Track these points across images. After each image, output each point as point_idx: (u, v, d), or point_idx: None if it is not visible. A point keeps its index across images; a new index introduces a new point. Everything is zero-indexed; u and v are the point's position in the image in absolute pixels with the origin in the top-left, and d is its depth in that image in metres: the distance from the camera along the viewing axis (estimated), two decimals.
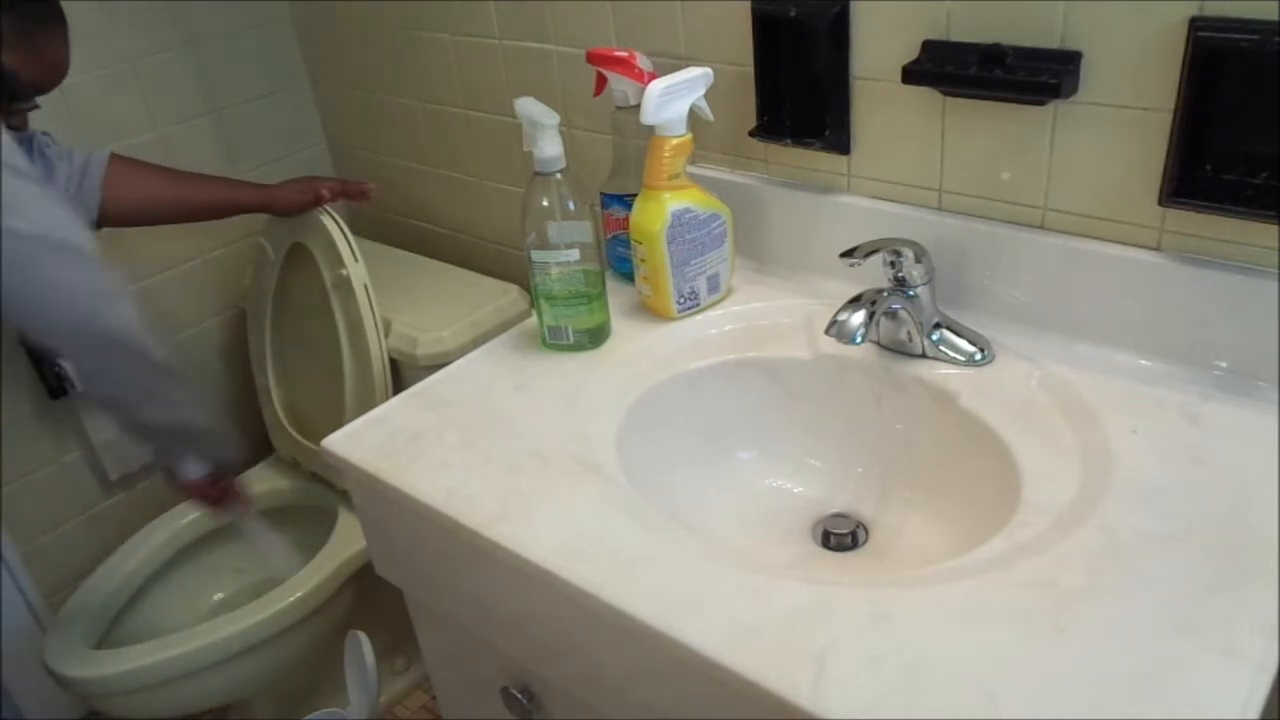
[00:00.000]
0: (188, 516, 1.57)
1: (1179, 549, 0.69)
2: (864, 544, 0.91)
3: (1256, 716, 0.58)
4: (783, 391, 0.99)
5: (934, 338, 0.92)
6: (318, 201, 1.39)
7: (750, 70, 1.03)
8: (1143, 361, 0.88)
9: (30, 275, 0.96)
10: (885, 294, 0.90)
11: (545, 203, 0.94)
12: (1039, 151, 0.88)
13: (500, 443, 0.89)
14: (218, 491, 1.27)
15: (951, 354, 0.92)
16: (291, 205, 1.39)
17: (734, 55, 1.05)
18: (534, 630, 0.83)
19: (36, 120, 1.33)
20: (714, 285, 1.04)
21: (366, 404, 1.36)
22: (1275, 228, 0.78)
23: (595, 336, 1.01)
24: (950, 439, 0.89)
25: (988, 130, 0.91)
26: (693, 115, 0.98)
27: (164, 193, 1.31)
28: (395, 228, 1.70)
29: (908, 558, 0.87)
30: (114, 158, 1.25)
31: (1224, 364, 0.84)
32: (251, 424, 1.74)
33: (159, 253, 1.58)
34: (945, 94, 0.91)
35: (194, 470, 1.21)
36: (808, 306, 1.02)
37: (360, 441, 0.92)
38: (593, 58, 1.06)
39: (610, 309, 1.03)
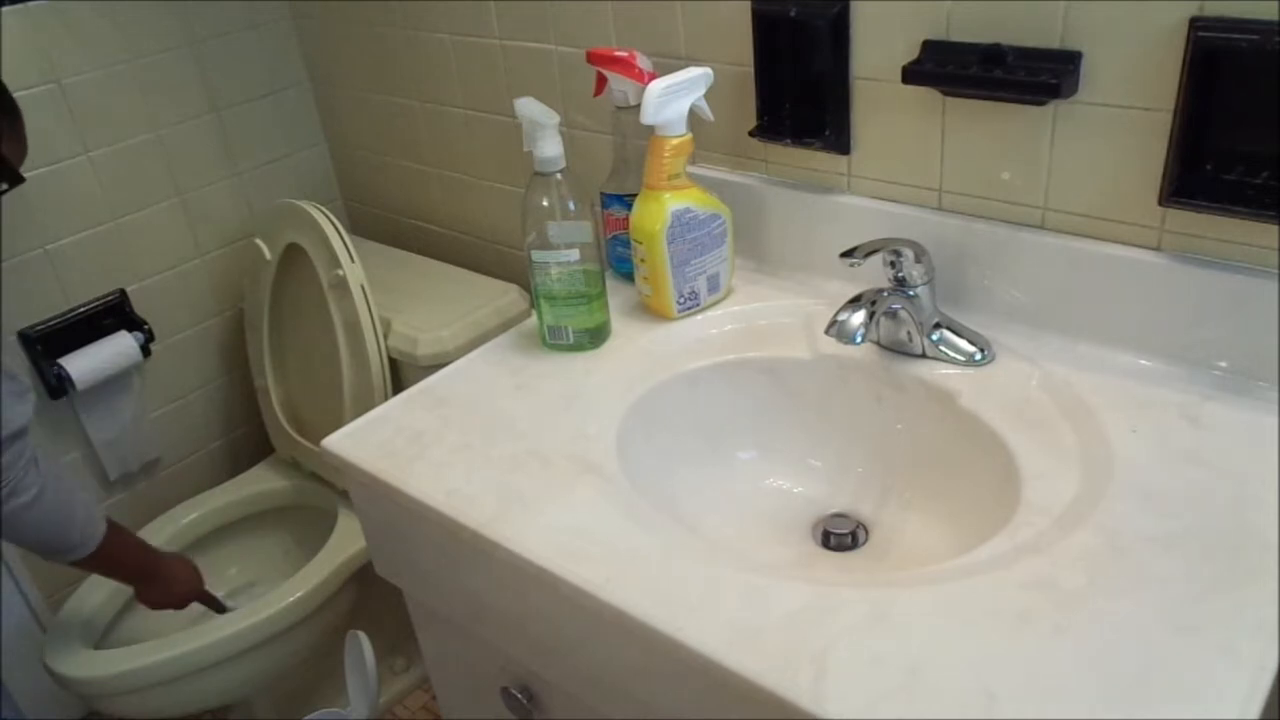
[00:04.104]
0: (188, 516, 1.58)
1: (1179, 549, 0.69)
2: (864, 544, 0.91)
3: (1256, 716, 0.58)
4: (783, 391, 0.99)
5: (934, 338, 0.92)
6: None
7: (750, 70, 1.03)
8: (1143, 361, 0.88)
9: None
10: (885, 294, 0.90)
11: (545, 203, 0.95)
12: (1039, 151, 0.89)
13: (500, 443, 0.89)
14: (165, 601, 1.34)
15: (951, 354, 0.92)
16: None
17: (734, 55, 1.05)
18: (534, 630, 0.83)
19: (35, 122, 1.33)
20: (714, 285, 1.04)
21: (365, 404, 1.37)
22: (1275, 228, 0.79)
23: (595, 336, 1.01)
24: (950, 439, 0.89)
25: (988, 130, 0.91)
26: (693, 115, 0.98)
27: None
28: (395, 228, 1.71)
29: (908, 558, 0.87)
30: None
31: (1224, 364, 0.84)
32: (251, 424, 1.75)
33: (158, 253, 1.58)
34: (945, 94, 0.91)
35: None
36: (808, 306, 1.02)
37: (360, 441, 0.92)
38: (593, 58, 1.06)
39: (610, 309, 1.03)
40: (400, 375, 1.44)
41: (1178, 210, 0.83)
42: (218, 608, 1.42)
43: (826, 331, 0.88)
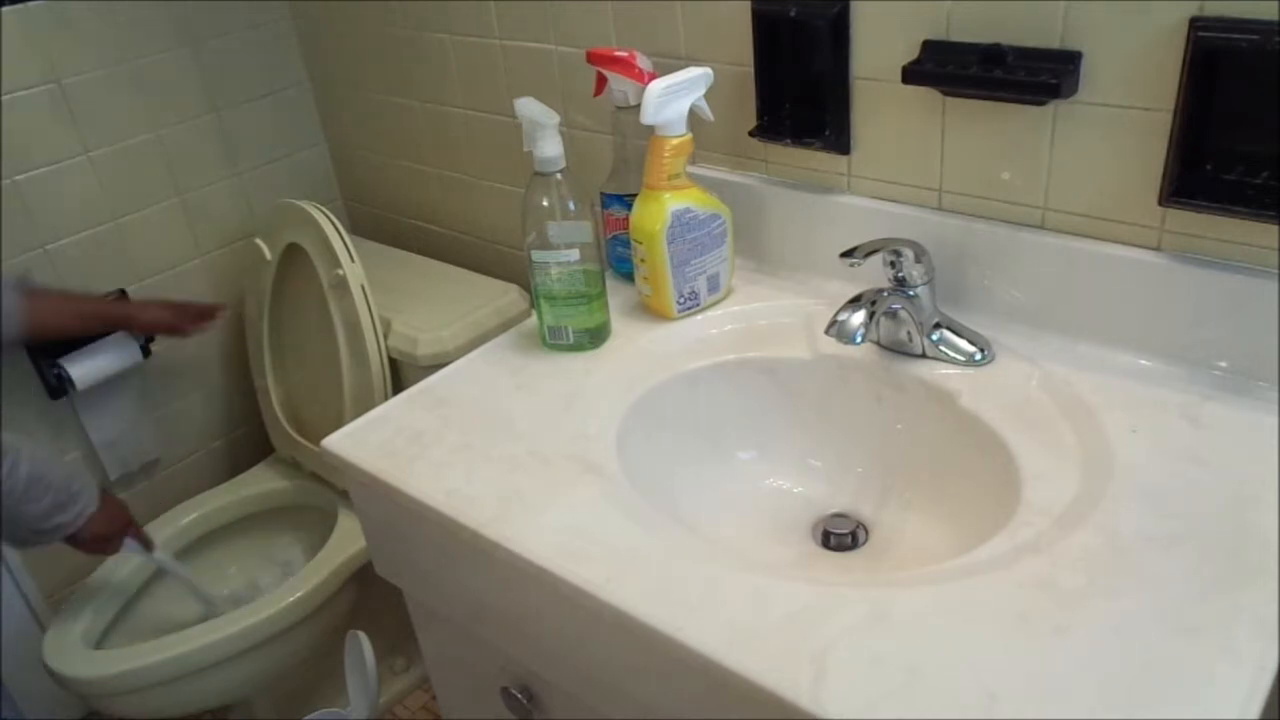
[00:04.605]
0: (188, 516, 1.58)
1: (1179, 549, 0.69)
2: (864, 544, 0.91)
3: (1256, 716, 0.58)
4: (783, 391, 0.99)
5: (934, 338, 0.92)
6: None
7: (750, 70, 1.03)
8: (1143, 361, 0.88)
9: None
10: (885, 294, 0.90)
11: (545, 203, 0.95)
12: (1039, 151, 0.88)
13: (500, 443, 0.89)
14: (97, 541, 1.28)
15: (951, 354, 0.92)
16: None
17: (734, 55, 1.05)
18: (534, 630, 0.83)
19: (35, 122, 1.33)
20: (714, 285, 1.04)
21: (365, 404, 1.37)
22: (1275, 228, 0.78)
23: (595, 336, 1.01)
24: (950, 439, 0.89)
25: (988, 130, 0.91)
26: (693, 115, 0.98)
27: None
28: (395, 228, 1.71)
29: (908, 558, 0.87)
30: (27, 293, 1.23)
31: (1224, 364, 0.84)
32: (251, 424, 1.75)
33: (158, 254, 1.58)
34: (945, 94, 0.91)
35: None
36: (808, 306, 1.02)
37: (360, 441, 0.92)
38: (593, 58, 1.06)
39: (610, 309, 1.03)
40: (400, 375, 1.44)
41: (1178, 210, 0.83)
42: (146, 543, 1.37)
43: (826, 331, 0.88)
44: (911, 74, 0.89)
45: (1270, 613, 0.63)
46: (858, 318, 0.87)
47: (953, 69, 0.88)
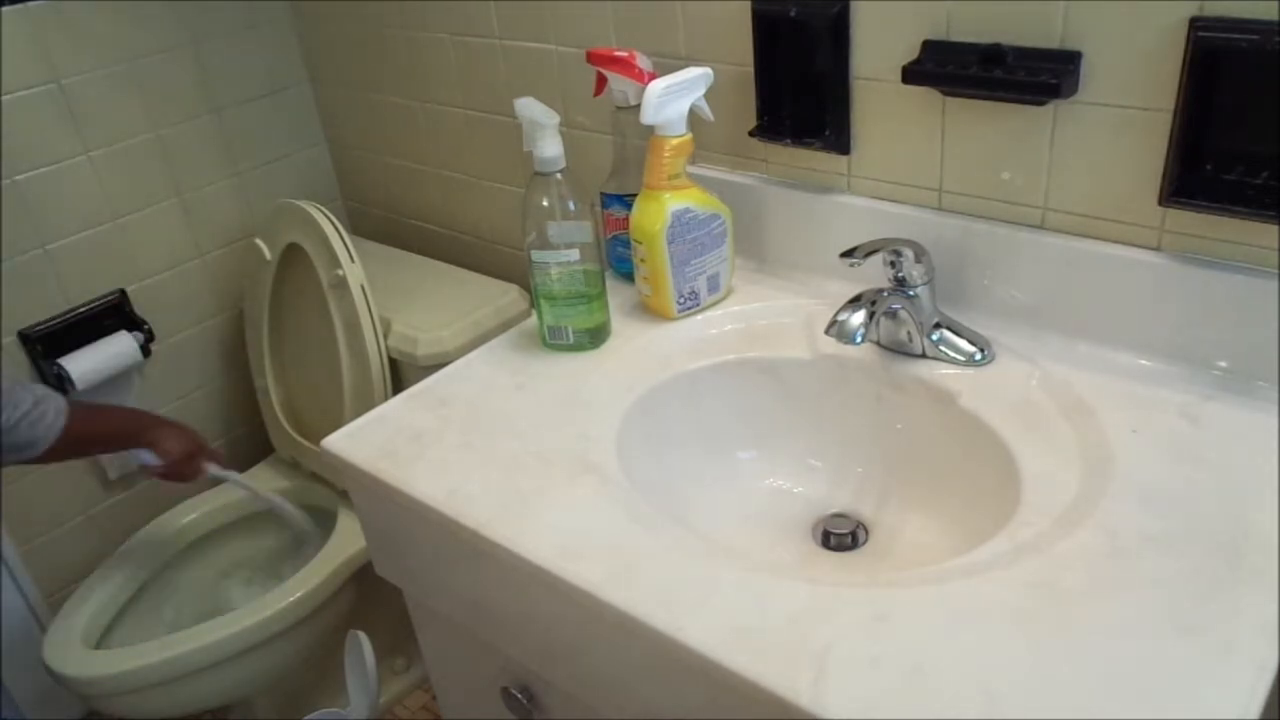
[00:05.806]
0: (188, 516, 1.58)
1: (1179, 549, 0.69)
2: (864, 544, 0.91)
3: (1256, 716, 0.58)
4: (783, 391, 0.99)
5: (934, 338, 0.92)
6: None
7: (750, 70, 1.03)
8: (1143, 361, 0.88)
9: None
10: (885, 294, 0.90)
11: (545, 203, 0.95)
12: (1039, 151, 0.89)
13: (500, 443, 0.89)
14: (185, 464, 1.33)
15: (951, 354, 0.92)
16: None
17: (734, 55, 1.05)
18: (534, 630, 0.83)
19: (35, 122, 1.32)
20: (714, 285, 1.04)
21: (365, 404, 1.37)
22: (1275, 228, 0.79)
23: (595, 336, 1.01)
24: (950, 439, 0.89)
25: (988, 130, 0.91)
26: (693, 115, 0.98)
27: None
28: (395, 228, 1.71)
29: (908, 558, 0.87)
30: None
31: (1224, 364, 0.84)
32: (251, 424, 1.75)
33: (158, 253, 1.58)
34: (945, 94, 0.91)
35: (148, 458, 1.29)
36: (808, 306, 1.02)
37: (360, 441, 0.92)
38: (593, 58, 1.06)
39: (610, 309, 1.03)
40: (400, 375, 1.44)
41: (1178, 210, 0.83)
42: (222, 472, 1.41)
43: (826, 331, 0.88)
44: (911, 74, 0.89)
45: (1270, 613, 0.63)
46: (858, 318, 0.87)
47: (953, 69, 0.88)
